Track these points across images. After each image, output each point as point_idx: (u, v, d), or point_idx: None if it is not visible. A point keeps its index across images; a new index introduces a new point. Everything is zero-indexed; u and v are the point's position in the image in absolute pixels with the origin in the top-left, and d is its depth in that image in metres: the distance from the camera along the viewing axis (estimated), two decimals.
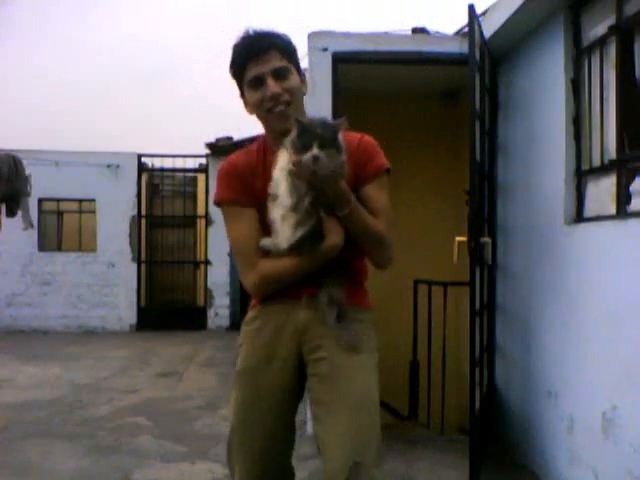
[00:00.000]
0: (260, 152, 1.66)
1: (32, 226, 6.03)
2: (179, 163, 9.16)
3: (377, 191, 1.60)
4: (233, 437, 1.64)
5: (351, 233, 1.53)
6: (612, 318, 2.39)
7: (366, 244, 1.58)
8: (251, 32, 1.60)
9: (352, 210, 1.50)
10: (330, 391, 1.52)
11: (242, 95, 1.66)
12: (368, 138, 1.66)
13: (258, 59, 1.56)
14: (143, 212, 9.13)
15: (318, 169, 1.42)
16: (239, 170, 1.64)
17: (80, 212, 9.13)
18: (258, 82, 1.57)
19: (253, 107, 1.63)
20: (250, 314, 1.68)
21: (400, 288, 4.33)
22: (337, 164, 1.44)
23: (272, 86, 1.56)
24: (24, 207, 5.39)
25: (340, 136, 1.46)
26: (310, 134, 1.43)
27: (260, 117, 1.64)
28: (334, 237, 1.51)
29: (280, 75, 1.57)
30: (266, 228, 1.58)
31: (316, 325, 1.56)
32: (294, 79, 1.60)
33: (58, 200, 9.03)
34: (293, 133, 1.46)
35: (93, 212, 8.95)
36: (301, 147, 1.43)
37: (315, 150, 1.41)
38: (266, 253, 1.58)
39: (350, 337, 1.54)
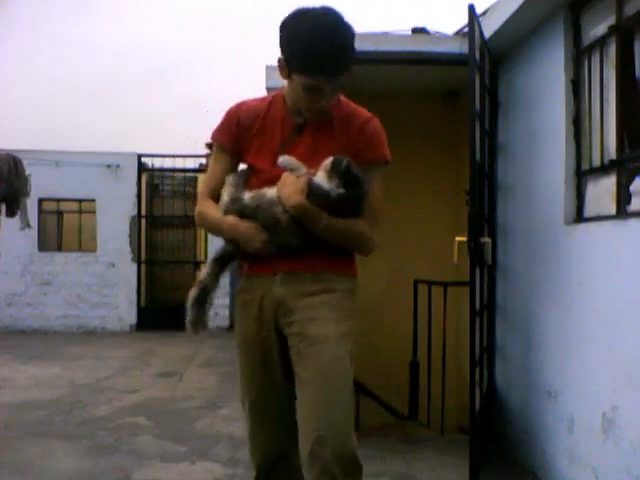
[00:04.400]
0: (271, 106, 1.69)
1: (29, 226, 6.02)
2: (179, 163, 9.18)
3: (373, 181, 1.63)
4: (245, 399, 1.73)
5: (329, 240, 1.60)
6: (612, 318, 2.39)
7: (346, 245, 1.66)
8: (334, 43, 1.48)
9: (325, 227, 1.56)
10: (300, 364, 1.58)
11: (287, 69, 1.56)
12: (376, 123, 1.67)
13: (328, 77, 1.51)
14: (143, 212, 9.13)
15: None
16: (241, 118, 1.68)
17: (80, 212, 9.12)
18: (316, 90, 1.54)
19: (296, 98, 1.60)
20: (240, 284, 1.76)
21: (400, 288, 4.32)
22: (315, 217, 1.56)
23: (327, 103, 1.58)
24: (22, 207, 5.40)
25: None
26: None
27: (295, 94, 1.60)
28: (249, 238, 1.62)
29: (336, 88, 1.58)
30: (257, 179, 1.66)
31: (289, 300, 1.62)
32: (344, 81, 1.61)
33: (58, 200, 9.03)
34: (342, 165, 1.54)
35: (93, 212, 8.94)
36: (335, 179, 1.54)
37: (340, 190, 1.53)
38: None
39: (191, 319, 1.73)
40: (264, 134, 1.66)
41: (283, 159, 1.60)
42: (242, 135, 1.67)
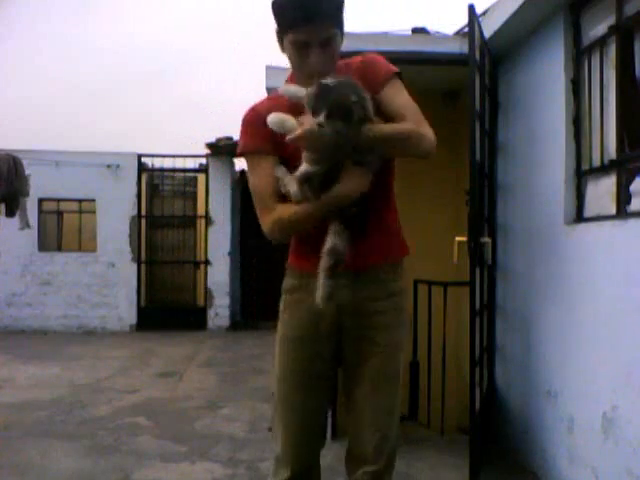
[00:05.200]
0: (289, 100, 1.65)
1: (29, 226, 6.03)
2: (179, 163, 9.16)
3: (395, 92, 1.61)
4: (281, 402, 1.71)
5: (384, 152, 1.54)
6: (612, 318, 2.39)
7: (401, 150, 1.58)
8: None
9: (374, 134, 1.47)
10: (365, 368, 1.64)
11: (279, 34, 1.59)
12: (370, 54, 1.70)
13: (311, 26, 1.50)
14: (143, 212, 9.12)
15: (321, 138, 1.41)
16: (262, 118, 1.57)
17: (80, 212, 9.11)
18: (303, 45, 1.54)
19: (291, 62, 1.61)
20: (290, 282, 1.70)
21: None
22: (343, 136, 1.41)
23: (316, 58, 1.53)
24: (22, 207, 5.40)
25: (358, 107, 1.42)
26: (323, 100, 1.41)
27: (294, 69, 1.63)
28: (349, 185, 1.49)
29: (327, 44, 1.55)
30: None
31: (357, 303, 1.62)
32: (337, 44, 1.59)
33: (58, 200, 9.02)
34: (312, 91, 1.45)
35: (93, 212, 8.93)
36: (313, 110, 1.43)
37: (321, 118, 1.40)
38: (284, 199, 1.57)
39: (326, 292, 1.50)
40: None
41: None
42: (274, 133, 1.56)
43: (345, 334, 1.66)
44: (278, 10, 1.56)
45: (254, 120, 1.63)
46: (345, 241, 1.52)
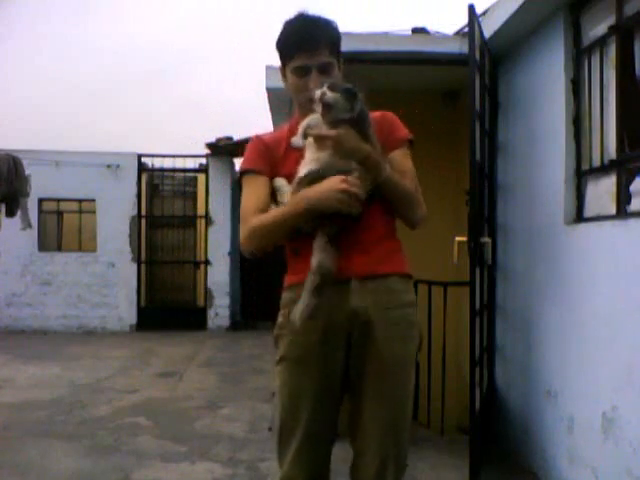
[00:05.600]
0: (290, 131, 1.71)
1: (30, 226, 6.03)
2: (179, 163, 9.17)
3: (402, 158, 1.68)
4: (287, 423, 1.62)
5: (387, 197, 1.60)
6: (612, 318, 2.39)
7: (400, 206, 1.64)
8: (306, 19, 1.65)
9: (388, 174, 1.56)
10: (375, 382, 1.59)
11: (283, 69, 1.70)
12: (391, 114, 1.76)
13: (308, 52, 1.61)
14: (143, 212, 9.12)
15: (329, 107, 1.49)
16: (265, 143, 1.71)
17: (80, 212, 9.12)
18: (303, 71, 1.63)
19: (292, 90, 1.69)
20: (289, 295, 1.63)
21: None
22: (347, 108, 1.50)
23: (315, 82, 1.60)
24: (22, 207, 5.40)
25: (358, 103, 1.52)
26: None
27: (296, 100, 1.71)
28: (326, 184, 1.50)
29: (325, 70, 1.63)
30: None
31: (367, 313, 1.56)
32: (335, 73, 1.66)
33: (58, 200, 9.02)
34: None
35: (93, 212, 8.94)
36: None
37: (325, 89, 1.50)
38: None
39: (307, 311, 1.49)
40: (292, 153, 1.65)
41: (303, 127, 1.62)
42: (273, 157, 1.68)
43: (354, 347, 1.59)
44: (280, 44, 1.68)
45: (258, 144, 1.72)
46: (332, 255, 1.53)
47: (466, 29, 3.19)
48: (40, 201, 8.70)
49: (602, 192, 2.65)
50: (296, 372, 1.60)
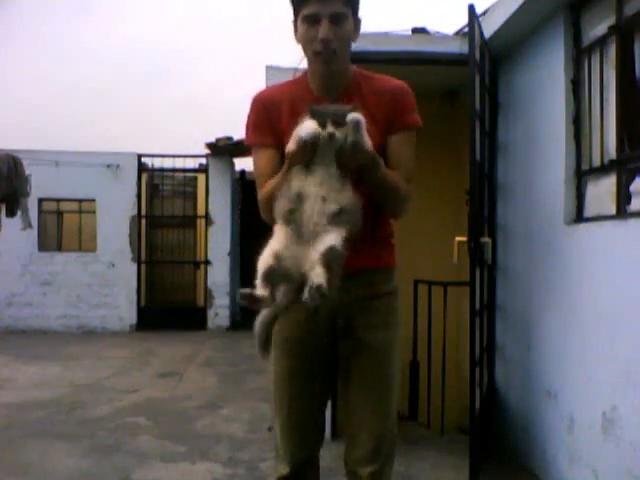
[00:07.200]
0: (296, 86, 1.70)
1: (31, 226, 6.04)
2: (179, 163, 9.15)
3: (403, 143, 1.65)
4: (277, 401, 1.72)
5: (373, 191, 1.58)
6: (612, 318, 2.40)
7: (384, 199, 1.63)
8: None
9: (374, 160, 1.52)
10: (359, 369, 1.64)
11: (295, 22, 1.65)
12: (409, 90, 1.71)
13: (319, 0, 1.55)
14: (143, 212, 9.12)
15: (337, 145, 1.44)
16: (266, 108, 1.67)
17: (80, 212, 9.11)
18: (314, 20, 1.57)
19: (302, 41, 1.64)
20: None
21: (400, 288, 4.32)
22: (353, 139, 1.44)
23: (325, 30, 1.56)
24: (23, 207, 5.40)
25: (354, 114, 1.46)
26: (323, 116, 1.45)
27: (305, 53, 1.66)
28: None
29: (337, 20, 1.57)
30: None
31: (347, 304, 1.61)
32: (348, 26, 1.61)
33: (58, 200, 9.02)
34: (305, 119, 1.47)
35: (93, 212, 8.93)
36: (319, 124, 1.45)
37: (330, 128, 1.43)
38: None
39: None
40: (296, 115, 1.58)
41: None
42: (275, 124, 1.64)
43: (339, 335, 1.66)
44: None
45: (257, 110, 1.69)
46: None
47: (466, 29, 3.19)
48: (40, 201, 8.70)
49: (602, 192, 2.65)
50: (286, 348, 1.69)
